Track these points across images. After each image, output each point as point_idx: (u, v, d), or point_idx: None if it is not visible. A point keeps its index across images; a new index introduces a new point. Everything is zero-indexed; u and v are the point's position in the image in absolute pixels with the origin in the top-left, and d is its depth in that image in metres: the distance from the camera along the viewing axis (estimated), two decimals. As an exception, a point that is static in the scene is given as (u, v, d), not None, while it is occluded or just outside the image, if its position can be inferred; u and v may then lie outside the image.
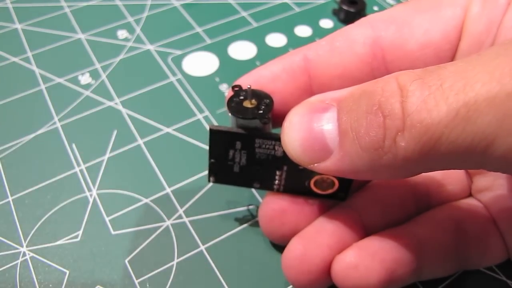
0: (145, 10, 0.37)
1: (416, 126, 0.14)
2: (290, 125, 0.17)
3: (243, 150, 0.20)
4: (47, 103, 0.31)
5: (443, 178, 0.23)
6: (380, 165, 0.15)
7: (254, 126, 0.19)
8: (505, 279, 0.23)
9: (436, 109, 0.13)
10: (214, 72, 0.33)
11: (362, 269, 0.19)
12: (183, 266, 0.23)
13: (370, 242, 0.20)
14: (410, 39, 0.19)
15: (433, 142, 0.14)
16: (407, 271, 0.20)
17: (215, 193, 0.26)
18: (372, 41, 0.20)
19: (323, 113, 0.16)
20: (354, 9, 0.36)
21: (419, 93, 0.14)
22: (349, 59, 0.20)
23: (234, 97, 0.19)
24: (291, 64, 0.20)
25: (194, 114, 0.30)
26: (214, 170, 0.22)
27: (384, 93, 0.15)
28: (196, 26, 0.36)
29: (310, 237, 0.21)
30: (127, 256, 0.23)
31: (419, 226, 0.21)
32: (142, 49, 0.34)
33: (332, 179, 0.21)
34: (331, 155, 0.16)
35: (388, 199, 0.22)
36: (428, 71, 0.14)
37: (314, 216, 0.22)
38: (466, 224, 0.21)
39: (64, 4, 0.37)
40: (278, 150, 0.20)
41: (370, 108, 0.15)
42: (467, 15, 0.19)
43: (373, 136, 0.15)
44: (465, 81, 0.13)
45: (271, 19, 0.36)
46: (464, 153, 0.14)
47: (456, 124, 0.13)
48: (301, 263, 0.20)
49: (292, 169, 0.21)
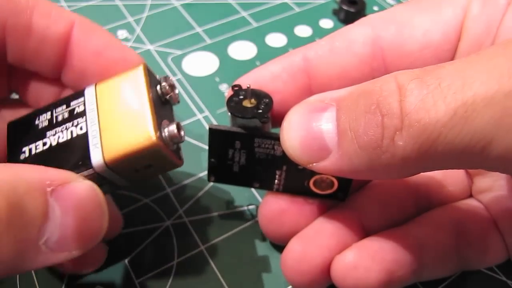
0: (145, 10, 0.37)
1: (414, 125, 0.14)
2: (289, 125, 0.17)
3: (242, 149, 0.20)
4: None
5: (444, 178, 0.23)
6: (379, 164, 0.15)
7: (253, 125, 0.19)
8: (505, 279, 0.23)
9: (434, 108, 0.13)
10: (214, 72, 0.33)
11: (362, 270, 0.19)
12: (183, 266, 0.23)
13: (370, 243, 0.20)
14: (410, 39, 0.19)
15: (431, 141, 0.14)
16: (407, 272, 0.20)
17: (215, 193, 0.26)
18: (371, 41, 0.20)
19: (322, 112, 0.16)
20: (354, 9, 0.36)
21: (418, 92, 0.14)
22: (349, 59, 0.20)
23: (233, 97, 0.19)
24: (291, 64, 0.20)
25: (194, 114, 0.30)
26: (214, 169, 0.22)
27: (383, 92, 0.15)
28: (196, 26, 0.36)
29: (310, 237, 0.21)
30: (127, 256, 0.23)
31: (419, 227, 0.21)
32: (142, 49, 0.34)
33: (332, 179, 0.21)
34: (330, 155, 0.16)
35: (388, 199, 0.22)
36: (426, 71, 0.14)
37: (314, 216, 0.22)
38: (466, 224, 0.21)
39: (64, 4, 0.37)
40: (278, 150, 0.20)
41: (369, 107, 0.15)
42: (467, 16, 0.19)
43: (371, 135, 0.15)
44: (463, 81, 0.13)
45: (271, 19, 0.36)
46: (462, 153, 0.14)
47: (454, 124, 0.13)
48: (301, 264, 0.20)
49: (291, 169, 0.21)
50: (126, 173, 0.18)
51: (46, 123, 0.19)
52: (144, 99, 0.17)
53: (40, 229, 0.15)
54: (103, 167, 0.17)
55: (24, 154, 0.19)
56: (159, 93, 0.18)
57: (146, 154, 0.17)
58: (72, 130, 0.18)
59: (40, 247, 0.15)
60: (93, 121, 0.18)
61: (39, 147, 0.19)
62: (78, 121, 0.18)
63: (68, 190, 0.15)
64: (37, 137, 0.19)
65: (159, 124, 0.17)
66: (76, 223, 0.15)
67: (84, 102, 0.19)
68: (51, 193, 0.15)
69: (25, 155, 0.19)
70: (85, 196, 0.16)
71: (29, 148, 0.19)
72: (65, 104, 0.19)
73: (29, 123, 0.20)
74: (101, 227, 0.16)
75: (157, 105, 0.18)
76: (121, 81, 0.18)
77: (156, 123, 0.17)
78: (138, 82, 0.18)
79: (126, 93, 0.18)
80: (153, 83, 0.18)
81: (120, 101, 0.18)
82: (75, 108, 0.19)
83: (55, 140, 0.18)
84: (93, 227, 0.16)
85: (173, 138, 0.17)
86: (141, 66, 0.18)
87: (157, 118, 0.17)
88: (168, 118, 0.18)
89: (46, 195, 0.15)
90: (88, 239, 0.16)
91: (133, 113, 0.17)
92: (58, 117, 0.19)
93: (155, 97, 0.18)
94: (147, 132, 0.17)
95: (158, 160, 0.18)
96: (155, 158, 0.17)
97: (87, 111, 0.18)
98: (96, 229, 0.16)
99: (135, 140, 0.17)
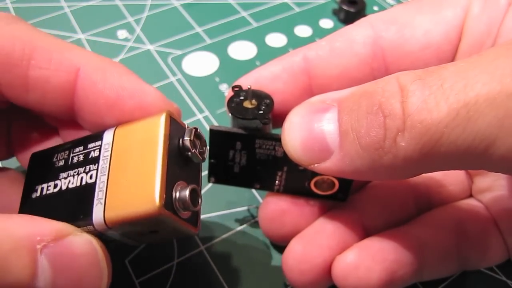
0: (145, 10, 0.37)
1: (416, 126, 0.14)
2: (291, 125, 0.17)
3: (243, 150, 0.20)
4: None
5: (444, 178, 0.23)
6: (381, 165, 0.15)
7: (254, 126, 0.19)
8: (505, 279, 0.23)
9: (437, 109, 0.13)
10: (214, 72, 0.32)
11: (363, 270, 0.19)
12: (183, 266, 0.23)
13: (370, 243, 0.20)
14: (411, 39, 0.19)
15: (434, 142, 0.14)
16: (408, 271, 0.20)
17: (215, 193, 0.26)
18: (372, 42, 0.20)
19: (323, 113, 0.16)
20: (354, 9, 0.36)
21: (420, 93, 0.14)
22: (349, 59, 0.20)
23: (234, 98, 0.19)
24: (291, 64, 0.20)
25: (194, 114, 0.30)
26: (214, 170, 0.22)
27: (385, 93, 0.15)
28: (196, 26, 0.36)
29: (310, 237, 0.21)
30: (127, 256, 0.23)
31: (420, 227, 0.21)
32: (142, 49, 0.34)
33: (332, 179, 0.21)
34: (332, 156, 0.16)
35: (389, 199, 0.22)
36: (428, 71, 0.14)
37: (314, 216, 0.22)
38: (466, 224, 0.21)
39: (64, 4, 0.37)
40: (278, 151, 0.20)
41: (371, 108, 0.15)
42: (467, 16, 0.19)
43: (373, 136, 0.15)
44: (465, 81, 0.13)
45: (271, 19, 0.36)
46: (464, 154, 0.14)
47: (457, 125, 0.13)
48: (302, 264, 0.20)
49: (292, 169, 0.21)
50: (131, 236, 0.17)
51: (62, 162, 0.18)
52: (157, 154, 0.15)
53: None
54: (103, 226, 0.15)
55: (36, 193, 0.18)
56: (180, 147, 0.16)
57: (149, 220, 0.15)
58: (83, 176, 0.17)
59: None
60: (104, 171, 0.16)
61: (50, 189, 0.17)
62: (90, 167, 0.17)
63: (61, 246, 0.14)
64: (51, 177, 0.18)
65: (170, 187, 0.15)
66: (69, 284, 0.14)
67: (100, 147, 0.17)
68: (42, 250, 0.14)
69: (36, 194, 0.18)
70: (81, 253, 0.15)
71: (42, 187, 0.18)
72: (83, 146, 0.18)
73: (49, 159, 0.18)
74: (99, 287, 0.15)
75: (174, 162, 0.16)
76: (139, 128, 0.16)
77: (165, 186, 0.15)
78: (155, 132, 0.16)
79: (141, 144, 0.16)
80: (176, 133, 0.16)
81: (133, 152, 0.16)
82: (90, 152, 0.17)
83: (65, 185, 0.17)
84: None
85: (184, 204, 0.15)
86: (163, 115, 0.16)
87: (168, 179, 0.15)
88: (186, 179, 0.16)
89: (34, 253, 0.14)
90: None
91: (143, 170, 0.15)
92: (74, 158, 0.18)
93: (175, 152, 0.16)
94: (151, 197, 0.15)
95: (164, 228, 0.16)
96: (160, 225, 0.16)
97: (100, 158, 0.17)
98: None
99: (138, 204, 0.15)
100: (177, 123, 0.17)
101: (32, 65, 0.17)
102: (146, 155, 0.15)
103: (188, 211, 0.16)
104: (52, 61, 0.17)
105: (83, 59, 0.18)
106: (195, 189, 0.16)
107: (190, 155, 0.16)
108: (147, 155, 0.15)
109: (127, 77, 0.18)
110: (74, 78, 0.17)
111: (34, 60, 0.17)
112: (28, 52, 0.17)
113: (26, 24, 0.18)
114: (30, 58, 0.17)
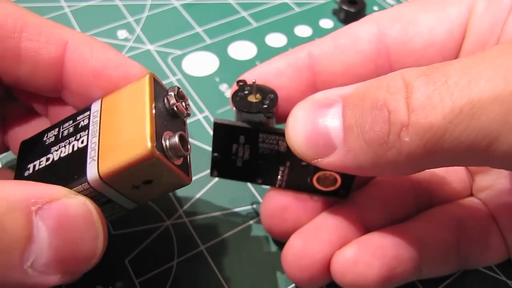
0: (145, 10, 0.37)
1: (420, 122, 0.14)
2: (295, 120, 0.17)
3: (246, 144, 0.20)
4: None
5: (445, 176, 0.23)
6: (384, 160, 0.15)
7: (258, 120, 0.19)
8: (505, 279, 0.23)
9: (441, 105, 0.13)
10: (214, 72, 0.32)
11: (362, 265, 0.19)
12: (183, 266, 0.23)
13: (370, 239, 0.20)
14: (415, 37, 0.19)
15: (437, 138, 0.14)
16: (407, 268, 0.20)
17: (215, 193, 0.26)
18: (377, 39, 0.20)
19: (328, 108, 0.16)
20: (354, 9, 0.36)
21: (424, 89, 0.14)
22: (354, 56, 0.20)
23: (238, 92, 0.19)
24: (296, 60, 0.20)
25: (194, 114, 0.30)
26: (217, 164, 0.22)
27: (390, 89, 0.15)
28: (196, 26, 0.36)
29: (311, 233, 0.21)
30: (127, 256, 0.23)
31: (420, 224, 0.21)
32: (142, 49, 0.34)
33: (335, 175, 0.21)
34: (335, 151, 0.16)
35: (390, 196, 0.22)
36: (433, 68, 0.14)
37: (316, 212, 0.22)
38: (467, 222, 0.21)
39: (64, 4, 0.37)
40: (282, 146, 0.20)
41: (376, 103, 0.15)
42: (471, 14, 0.19)
43: (378, 131, 0.15)
44: (470, 78, 0.13)
45: (271, 19, 0.36)
46: (468, 150, 0.14)
47: (460, 121, 0.13)
48: (301, 259, 0.20)
49: (295, 165, 0.21)
50: (125, 190, 0.17)
51: (52, 139, 0.18)
52: (144, 110, 0.16)
53: (23, 252, 0.14)
54: (98, 181, 0.16)
55: (28, 171, 0.18)
56: (166, 105, 0.17)
57: (143, 166, 0.16)
58: (74, 144, 0.17)
59: (26, 270, 0.14)
60: (94, 133, 0.17)
61: (42, 163, 0.18)
62: (80, 134, 0.17)
63: (56, 208, 0.14)
64: (42, 153, 0.18)
65: (159, 135, 0.16)
66: (66, 244, 0.14)
67: (89, 116, 0.18)
68: (36, 212, 0.14)
69: (29, 171, 0.18)
70: (76, 213, 0.15)
71: (34, 164, 0.18)
72: (72, 119, 0.18)
73: (38, 141, 0.19)
74: (95, 248, 0.15)
75: (162, 117, 0.17)
76: (125, 93, 0.17)
77: (155, 134, 0.16)
78: (140, 93, 0.17)
79: (128, 104, 0.17)
80: (160, 94, 0.17)
81: (122, 113, 0.17)
82: (80, 122, 0.18)
83: (57, 155, 0.17)
84: (85, 249, 0.15)
85: (175, 150, 0.16)
86: (146, 77, 0.17)
87: (157, 129, 0.16)
88: (174, 130, 0.17)
89: (30, 215, 0.14)
90: (81, 261, 0.15)
91: (133, 125, 0.16)
92: (64, 132, 0.18)
93: (162, 109, 0.17)
94: (143, 141, 0.15)
95: (158, 174, 0.16)
96: (154, 171, 0.16)
97: (90, 125, 0.17)
98: (89, 251, 0.15)
99: (130, 151, 0.15)
100: (160, 85, 0.18)
101: (24, 37, 0.18)
102: (134, 110, 0.16)
103: (179, 158, 0.17)
104: (42, 34, 0.18)
105: (71, 34, 0.19)
106: (183, 135, 0.16)
107: (175, 108, 0.17)
108: (134, 110, 0.16)
109: (113, 51, 0.19)
110: (62, 50, 0.18)
111: (25, 33, 0.18)
112: (20, 25, 0.18)
113: (16, 4, 0.19)
114: (21, 31, 0.18)
